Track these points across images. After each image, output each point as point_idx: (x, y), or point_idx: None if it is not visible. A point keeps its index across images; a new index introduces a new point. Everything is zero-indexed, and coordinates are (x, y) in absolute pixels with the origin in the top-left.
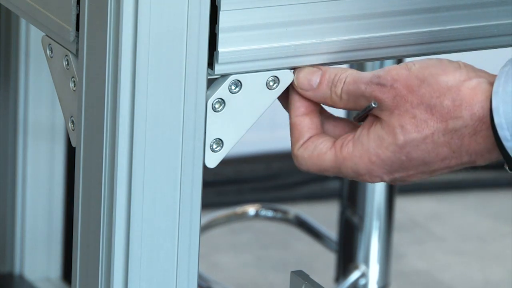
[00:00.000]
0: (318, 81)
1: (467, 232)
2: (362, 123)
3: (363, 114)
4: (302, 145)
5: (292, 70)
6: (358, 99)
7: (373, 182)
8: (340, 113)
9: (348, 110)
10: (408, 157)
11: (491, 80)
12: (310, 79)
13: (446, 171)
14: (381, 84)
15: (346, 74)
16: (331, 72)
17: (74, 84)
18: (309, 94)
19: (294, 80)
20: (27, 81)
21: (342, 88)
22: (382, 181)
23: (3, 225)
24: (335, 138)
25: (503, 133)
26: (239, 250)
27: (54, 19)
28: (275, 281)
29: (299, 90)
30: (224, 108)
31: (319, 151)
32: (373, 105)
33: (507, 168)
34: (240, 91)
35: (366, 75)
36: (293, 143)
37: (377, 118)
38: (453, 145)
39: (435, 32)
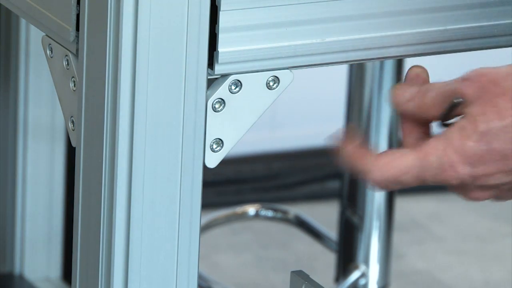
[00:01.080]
0: (413, 92)
1: (467, 232)
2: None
3: (447, 110)
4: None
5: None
6: (448, 99)
7: (454, 181)
8: None
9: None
10: (488, 147)
11: None
12: (404, 92)
13: None
14: (466, 79)
15: (435, 82)
16: (423, 85)
17: (74, 84)
18: (404, 107)
19: (389, 97)
20: (27, 81)
21: (434, 91)
22: (462, 181)
23: (3, 225)
24: None
25: None
26: (239, 250)
27: (54, 19)
28: (275, 281)
29: (393, 104)
30: (224, 108)
31: (398, 154)
32: (455, 100)
33: None
34: (240, 91)
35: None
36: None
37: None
38: None
39: (435, 32)
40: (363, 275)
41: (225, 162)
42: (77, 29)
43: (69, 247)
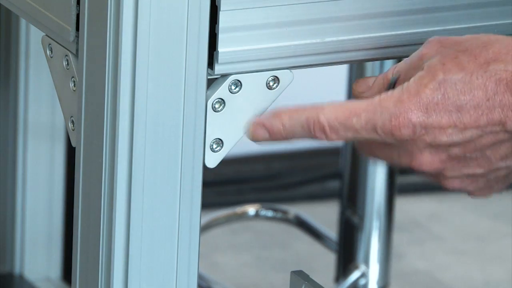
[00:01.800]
0: (374, 79)
1: (467, 232)
2: None
3: (393, 83)
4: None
5: None
6: (410, 72)
7: (405, 131)
8: None
9: None
10: (444, 97)
11: None
12: (366, 81)
13: (476, 132)
14: (428, 42)
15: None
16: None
17: (74, 84)
18: (367, 95)
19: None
20: (27, 81)
21: (394, 70)
22: (413, 131)
23: (3, 225)
24: None
25: None
26: (239, 250)
27: (54, 19)
28: (275, 281)
29: (357, 94)
30: (224, 108)
31: (353, 101)
32: (394, 76)
33: None
34: (240, 91)
35: None
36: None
37: None
38: (489, 89)
39: (435, 32)
40: (363, 275)
41: (225, 162)
42: (77, 29)
43: (69, 247)
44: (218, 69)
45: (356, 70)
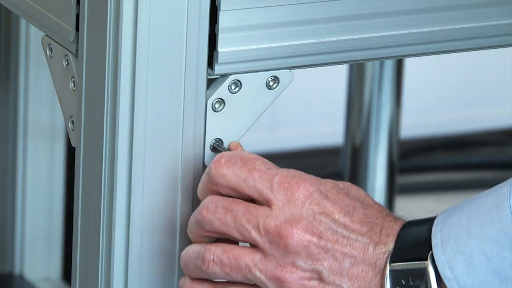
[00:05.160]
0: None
1: None
2: None
3: None
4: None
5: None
6: None
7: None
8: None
9: None
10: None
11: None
12: None
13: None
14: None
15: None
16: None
17: (74, 84)
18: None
19: None
20: (27, 81)
21: None
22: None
23: (3, 225)
24: None
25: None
26: None
27: (54, 19)
28: None
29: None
30: (224, 108)
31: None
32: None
33: None
34: (240, 91)
35: None
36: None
37: None
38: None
39: (435, 32)
40: None
41: None
42: (77, 29)
43: (69, 247)
44: (218, 69)
45: (356, 70)
